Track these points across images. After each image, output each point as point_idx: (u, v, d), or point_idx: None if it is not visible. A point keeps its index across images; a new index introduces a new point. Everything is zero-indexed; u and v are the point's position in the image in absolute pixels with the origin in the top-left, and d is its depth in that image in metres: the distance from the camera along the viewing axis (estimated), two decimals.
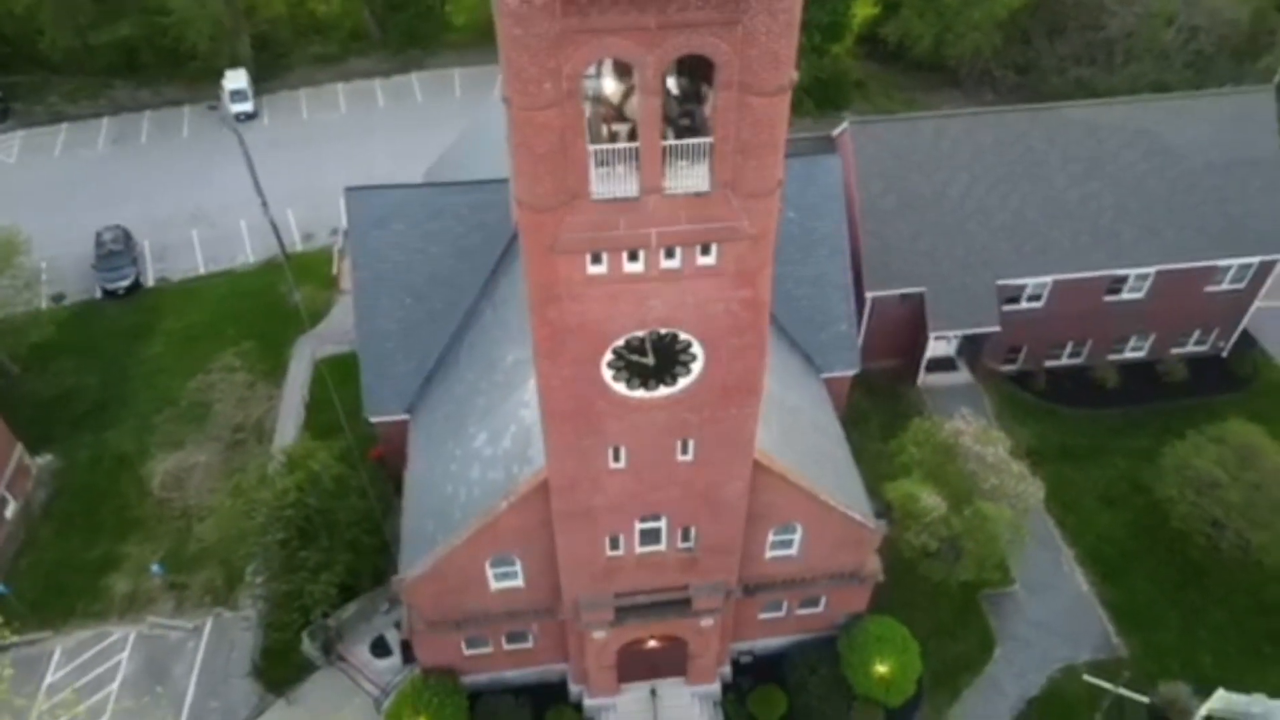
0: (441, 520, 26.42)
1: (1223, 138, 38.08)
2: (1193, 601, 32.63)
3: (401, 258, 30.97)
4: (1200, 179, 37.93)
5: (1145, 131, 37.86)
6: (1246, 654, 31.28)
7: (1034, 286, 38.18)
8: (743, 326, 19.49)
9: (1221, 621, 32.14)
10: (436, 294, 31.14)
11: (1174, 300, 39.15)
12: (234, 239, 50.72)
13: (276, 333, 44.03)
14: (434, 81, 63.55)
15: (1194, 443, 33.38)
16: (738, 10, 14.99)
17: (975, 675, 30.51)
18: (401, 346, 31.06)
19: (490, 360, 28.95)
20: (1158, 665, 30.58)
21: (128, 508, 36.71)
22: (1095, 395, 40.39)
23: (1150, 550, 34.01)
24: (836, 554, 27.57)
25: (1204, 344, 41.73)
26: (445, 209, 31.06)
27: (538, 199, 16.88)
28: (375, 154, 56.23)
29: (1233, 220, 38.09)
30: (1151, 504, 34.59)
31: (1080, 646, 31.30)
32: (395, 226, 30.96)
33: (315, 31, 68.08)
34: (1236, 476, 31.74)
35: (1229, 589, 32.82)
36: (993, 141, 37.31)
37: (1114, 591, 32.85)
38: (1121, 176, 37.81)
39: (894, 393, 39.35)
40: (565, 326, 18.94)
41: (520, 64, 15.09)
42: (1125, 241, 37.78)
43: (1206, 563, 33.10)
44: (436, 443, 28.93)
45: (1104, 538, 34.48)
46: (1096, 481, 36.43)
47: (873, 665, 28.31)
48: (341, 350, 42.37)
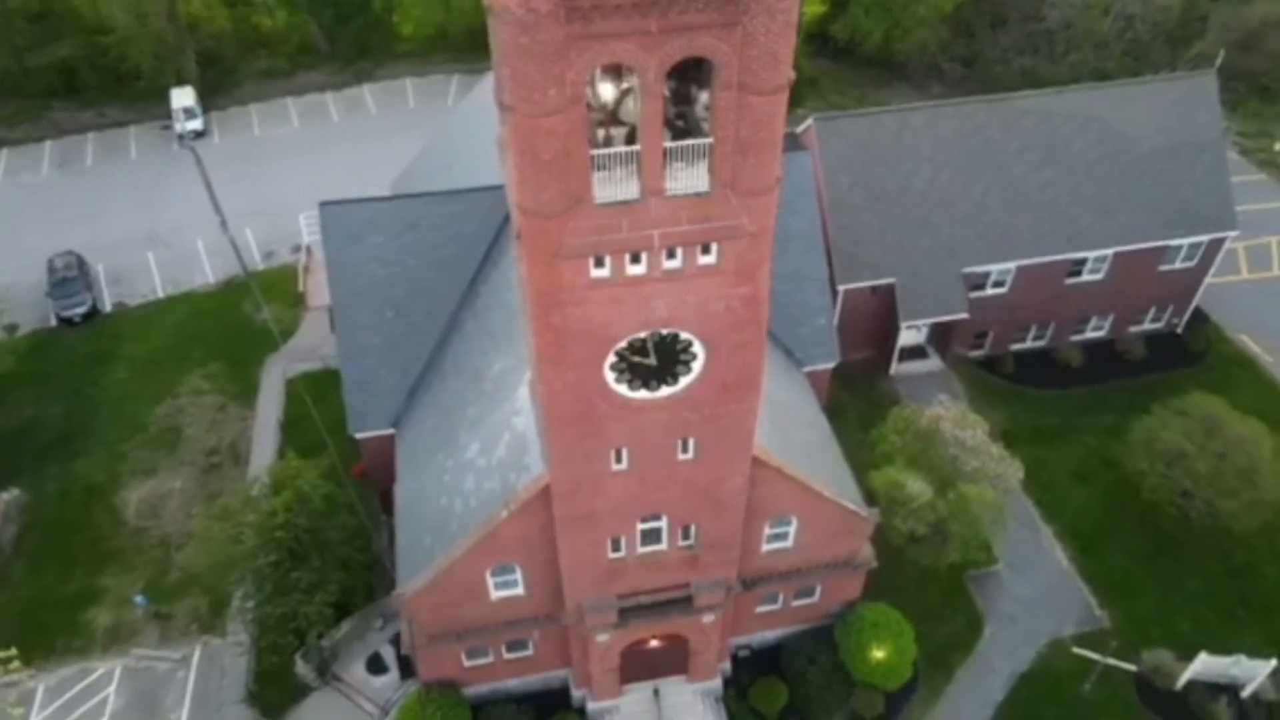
0: (439, 533, 26.29)
1: (1169, 122, 39.44)
2: (1168, 570, 33.72)
3: (380, 271, 30.74)
4: (1150, 162, 39.24)
5: (1096, 118, 39.04)
6: (1222, 618, 32.42)
7: (998, 273, 39.16)
8: (743, 323, 19.76)
9: (1196, 588, 33.28)
10: (417, 306, 30.95)
11: (1131, 281, 40.45)
12: (192, 260, 49.77)
13: (244, 353, 43.32)
14: (386, 93, 63.05)
15: (1160, 417, 34.51)
16: (737, 12, 15.25)
17: (967, 655, 31.19)
18: (384, 360, 30.81)
19: (476, 370, 28.86)
20: (1139, 634, 31.55)
21: (102, 539, 35.83)
22: (1061, 376, 41.52)
23: (1124, 523, 35.07)
24: (831, 544, 28.00)
25: (1160, 322, 43.14)
26: (421, 220, 30.89)
27: (542, 205, 16.96)
28: (332, 168, 55.60)
29: (1182, 201, 39.47)
30: (1122, 478, 35.66)
31: (1065, 620, 32.18)
32: (371, 240, 30.72)
33: (261, 46, 67.16)
34: (1202, 447, 32.88)
35: (1201, 556, 33.99)
36: (952, 133, 38.18)
37: (1093, 565, 33.82)
38: (1075, 163, 38.96)
39: (869, 383, 40.04)
40: (569, 331, 19.03)
41: (525, 72, 15.17)
42: (1083, 226, 38.93)
43: (1178, 532, 34.22)
44: (426, 455, 28.76)
45: (1080, 513, 35.47)
46: (1068, 459, 37.44)
47: (870, 651, 28.80)
48: (313, 368, 41.93)
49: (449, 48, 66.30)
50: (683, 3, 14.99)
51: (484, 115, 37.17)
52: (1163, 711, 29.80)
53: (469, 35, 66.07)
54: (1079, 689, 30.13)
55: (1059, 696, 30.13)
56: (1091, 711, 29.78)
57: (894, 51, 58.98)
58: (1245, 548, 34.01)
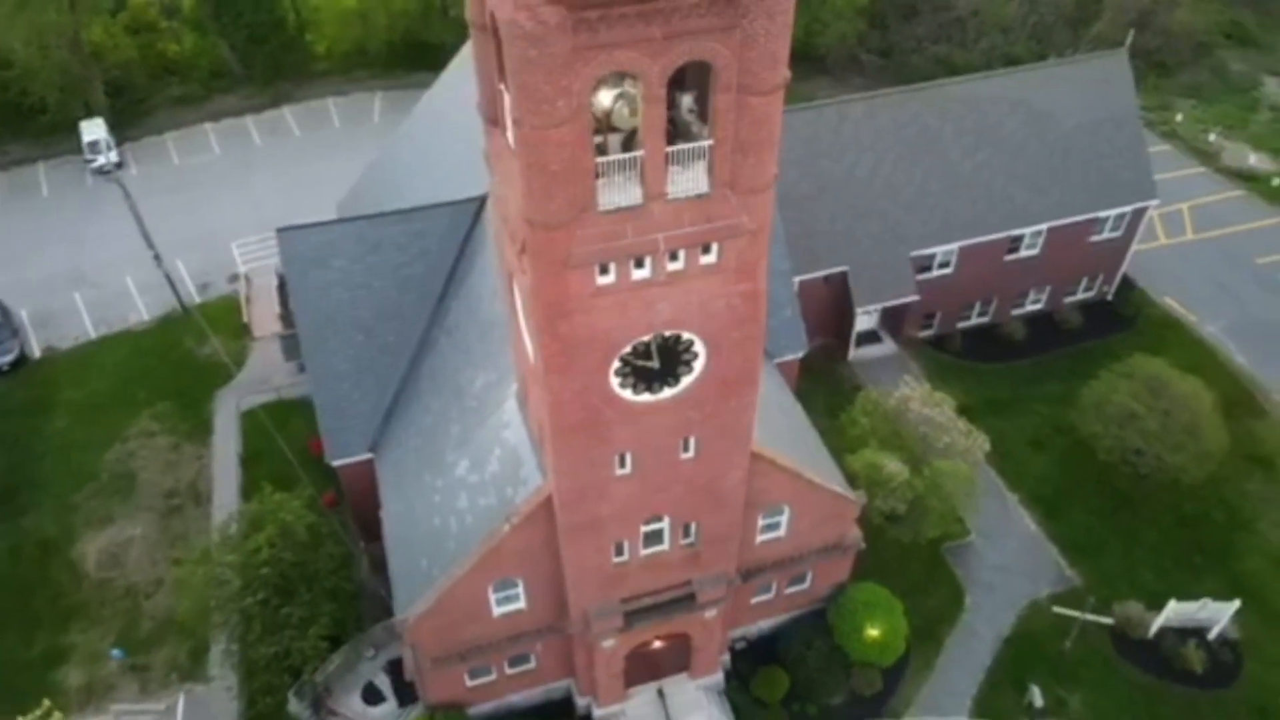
0: (435, 554, 25.99)
1: (1089, 100, 41.38)
2: (1127, 526, 35.40)
3: (345, 294, 30.18)
4: (1074, 139, 41.12)
5: (1022, 100, 40.74)
6: (1181, 566, 34.19)
7: (943, 254, 40.53)
8: (744, 319, 20.13)
9: (1155, 540, 35.03)
10: (386, 327, 30.51)
11: (1064, 253, 42.31)
12: (122, 298, 47.91)
13: (192, 389, 41.93)
14: (309, 114, 61.71)
15: (1107, 381, 36.20)
16: (737, 15, 15.58)
17: (952, 625, 32.21)
18: (357, 385, 30.28)
19: (457, 387, 28.60)
20: (1108, 588, 33.03)
21: (63, 595, 34.26)
22: (1006, 349, 43.17)
23: (1082, 485, 36.66)
24: (821, 529, 28.62)
25: (1092, 291, 45.20)
26: (384, 241, 30.43)
27: (550, 216, 17.02)
28: (260, 193, 54.33)
29: (1106, 174, 41.47)
30: (1076, 442, 37.27)
31: (1039, 582, 33.51)
32: (334, 263, 30.12)
33: (171, 72, 64.94)
34: (1150, 406, 34.63)
35: (1155, 510, 35.77)
36: (890, 122, 39.37)
37: (1058, 527, 35.28)
38: (1006, 144, 40.58)
39: (829, 370, 40.95)
40: (576, 340, 19.10)
41: (534, 84, 15.22)
42: (1018, 204, 40.58)
43: (1132, 489, 35.93)
44: (412, 477, 28.38)
45: (1040, 479, 36.96)
46: (1023, 429, 38.94)
47: (865, 630, 29.52)
48: (268, 399, 40.85)
49: (369, 64, 65.23)
50: (685, 9, 15.25)
51: (430, 132, 37.03)
52: (1138, 660, 31.29)
53: (389, 51, 65.22)
54: (1060, 647, 31.42)
55: (1042, 655, 31.38)
56: (1074, 667, 31.08)
57: (814, 45, 60.30)
58: (1194, 498, 35.91)
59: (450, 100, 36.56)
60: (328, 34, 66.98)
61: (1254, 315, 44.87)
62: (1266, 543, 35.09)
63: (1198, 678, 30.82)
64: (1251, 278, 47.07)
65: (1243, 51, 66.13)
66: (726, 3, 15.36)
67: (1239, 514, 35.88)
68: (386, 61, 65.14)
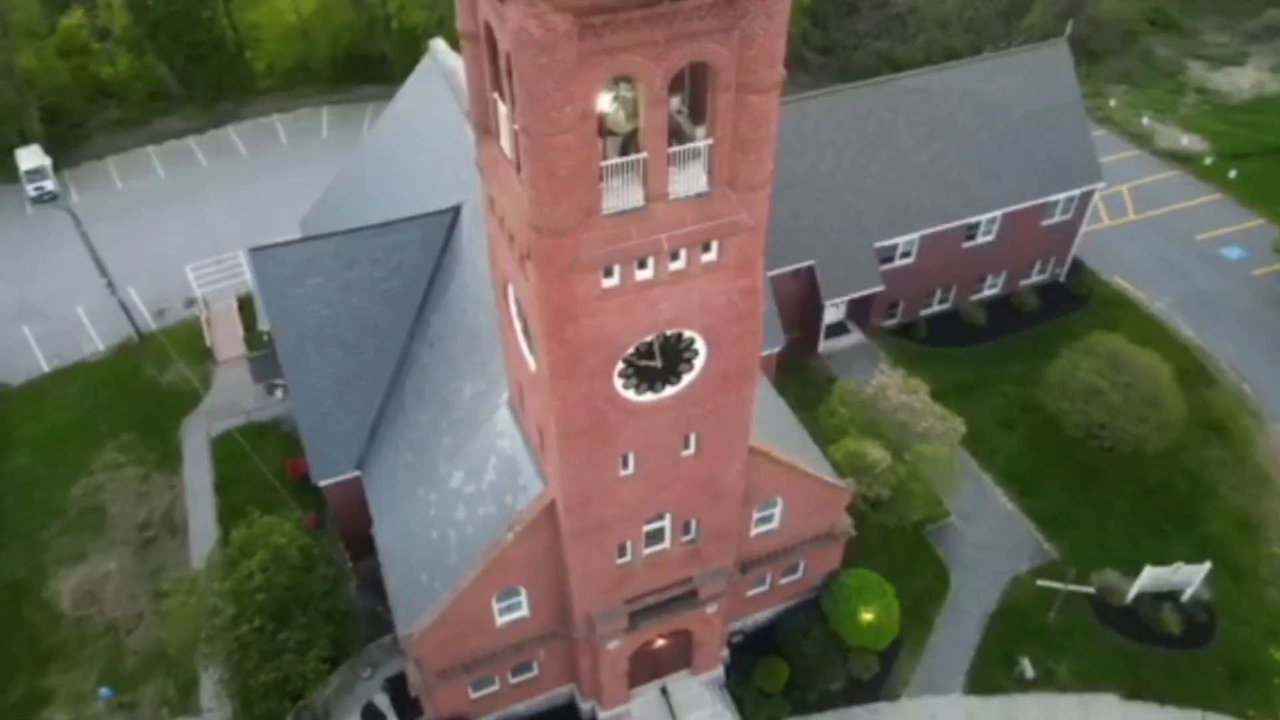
0: (436, 568, 25.84)
1: (1034, 89, 42.72)
2: (1098, 498, 36.58)
3: (324, 311, 29.87)
4: (1023, 127, 42.41)
5: (971, 91, 41.90)
6: (1151, 533, 35.45)
7: (904, 244, 41.47)
8: (743, 314, 20.47)
9: (1124, 510, 36.25)
10: (367, 343, 30.28)
11: (1018, 238, 43.58)
12: (74, 329, 46.67)
13: (157, 418, 40.98)
14: (255, 132, 60.79)
15: (1070, 359, 37.41)
16: (736, 16, 15.91)
17: (940, 604, 32.96)
18: (340, 402, 29.97)
19: (444, 399, 28.48)
20: (1085, 559, 34.07)
21: (40, 637, 33.24)
22: (969, 334, 44.28)
23: (1052, 461, 37.79)
24: (813, 518, 29.11)
25: (1045, 273, 46.60)
26: (360, 256, 30.19)
27: (558, 221, 17.14)
28: (210, 215, 53.45)
29: (1054, 160, 42.85)
30: (1043, 420, 38.43)
31: (1019, 558, 34.45)
32: (310, 281, 29.80)
33: (107, 95, 63.43)
34: (1112, 381, 35.85)
35: (1123, 480, 37.03)
36: (848, 117, 40.17)
37: (1033, 503, 36.31)
38: (958, 134, 41.68)
39: (800, 363, 41.58)
40: (582, 344, 19.24)
41: (544, 91, 15.35)
42: (973, 192, 41.71)
43: (1100, 462, 37.17)
44: (404, 492, 28.17)
45: (1012, 458, 38.00)
46: (992, 410, 39.96)
47: (859, 615, 30.06)
48: (238, 423, 40.10)
49: (313, 80, 64.50)
50: (687, 12, 15.53)
51: (394, 145, 36.77)
52: (1119, 626, 32.36)
53: (333, 66, 64.56)
54: (1045, 619, 32.37)
55: (1029, 628, 32.28)
56: (1059, 637, 32.03)
57: None
58: (1158, 467, 37.26)
59: (412, 113, 36.43)
60: (268, 51, 66.05)
61: (1198, 289, 46.70)
62: (1228, 506, 36.57)
63: (1175, 639, 31.99)
64: (1192, 253, 48.99)
65: (1167, 37, 68.75)
66: (727, 4, 15.69)
67: (1200, 480, 37.33)
68: (331, 76, 64.49)
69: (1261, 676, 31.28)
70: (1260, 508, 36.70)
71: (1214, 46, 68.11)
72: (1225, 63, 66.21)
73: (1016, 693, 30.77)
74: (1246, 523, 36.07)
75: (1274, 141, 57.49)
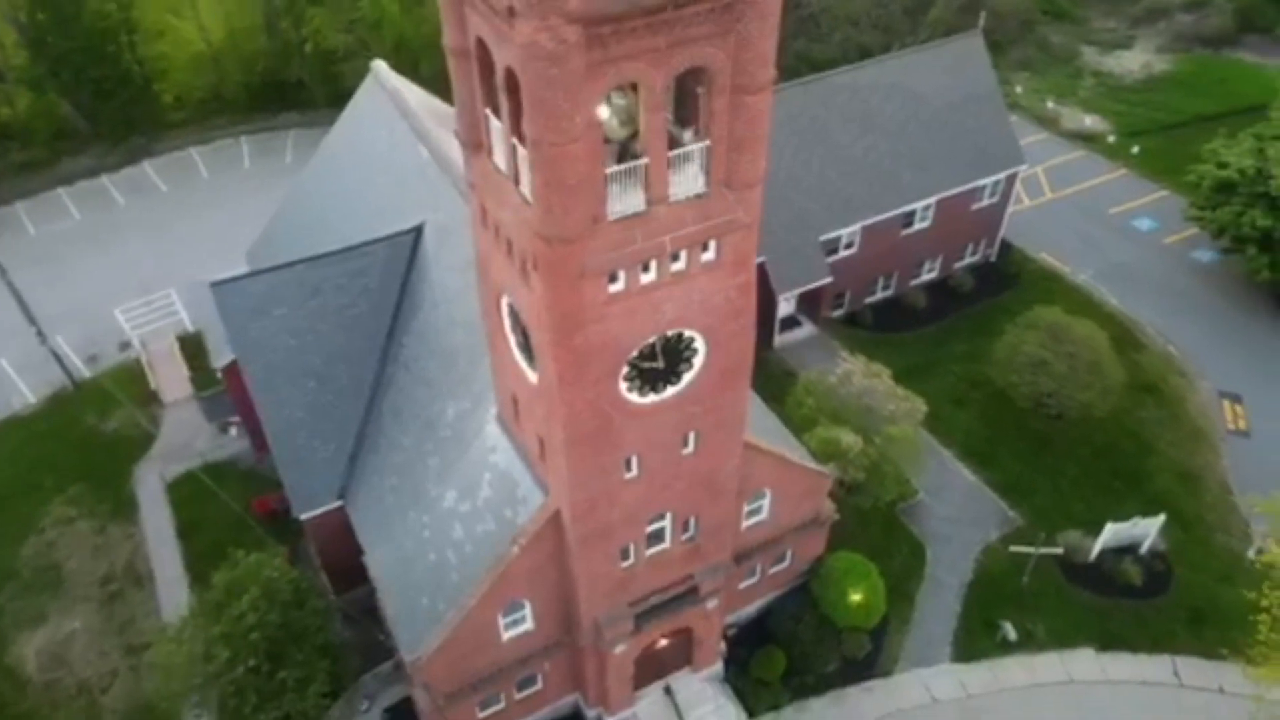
0: (437, 589, 25.62)
1: (954, 80, 44.60)
2: (1051, 464, 38.32)
3: (291, 342, 29.33)
4: (948, 117, 44.22)
5: (897, 85, 43.52)
6: (1104, 493, 37.29)
7: (847, 236, 42.76)
8: (739, 311, 21.04)
9: (1076, 473, 38.07)
10: (338, 371, 29.83)
11: (951, 222, 45.37)
12: (1, 383, 44.47)
13: (105, 467, 39.40)
14: (173, 166, 58.93)
15: (1014, 333, 39.14)
16: (732, 20, 16.45)
17: (919, 579, 34.06)
18: (317, 433, 29.44)
19: (427, 420, 28.26)
20: (1047, 523, 35.60)
21: (7, 705, 31.58)
22: (912, 318, 45.85)
23: (1005, 432, 39.43)
24: (799, 506, 29.82)
25: (977, 255, 48.58)
26: (324, 284, 29.75)
27: (567, 230, 17.39)
28: (134, 254, 51.67)
29: (979, 146, 44.79)
30: (992, 394, 40.10)
31: (987, 527, 35.85)
32: (275, 312, 29.23)
33: (8, 137, 60.55)
34: (1056, 351, 37.67)
35: (1073, 445, 38.88)
36: (784, 115, 41.10)
37: (993, 474, 37.81)
38: (889, 127, 43.24)
39: (758, 359, 41.72)
40: (589, 350, 19.49)
41: (555, 103, 15.61)
42: (907, 181, 43.29)
43: (1049, 429, 38.96)
44: (395, 517, 27.83)
45: (968, 433, 39.49)
46: (943, 389, 41.39)
47: (848, 596, 30.89)
48: (194, 465, 38.88)
49: (229, 109, 62.85)
50: (687, 19, 15.99)
51: (341, 170, 36.27)
52: (1086, 583, 33.98)
53: (248, 94, 63.07)
54: (1018, 583, 33.77)
55: (1004, 594, 33.62)
56: (1033, 598, 33.47)
57: None
58: (1104, 430, 39.24)
59: (358, 136, 36.03)
60: (178, 82, 64.06)
61: (1116, 260, 49.32)
62: (1169, 461, 38.75)
63: (1138, 590, 33.76)
64: (1107, 227, 51.72)
65: (1060, 25, 72.34)
66: (724, 10, 16.21)
67: (1142, 439, 39.48)
68: (247, 104, 62.95)
69: (1219, 618, 33.23)
70: (1198, 460, 39.01)
71: (1103, 32, 71.97)
72: (1115, 46, 70.04)
73: (1000, 656, 32.04)
74: (1187, 475, 38.29)
75: (1167, 118, 61.12)
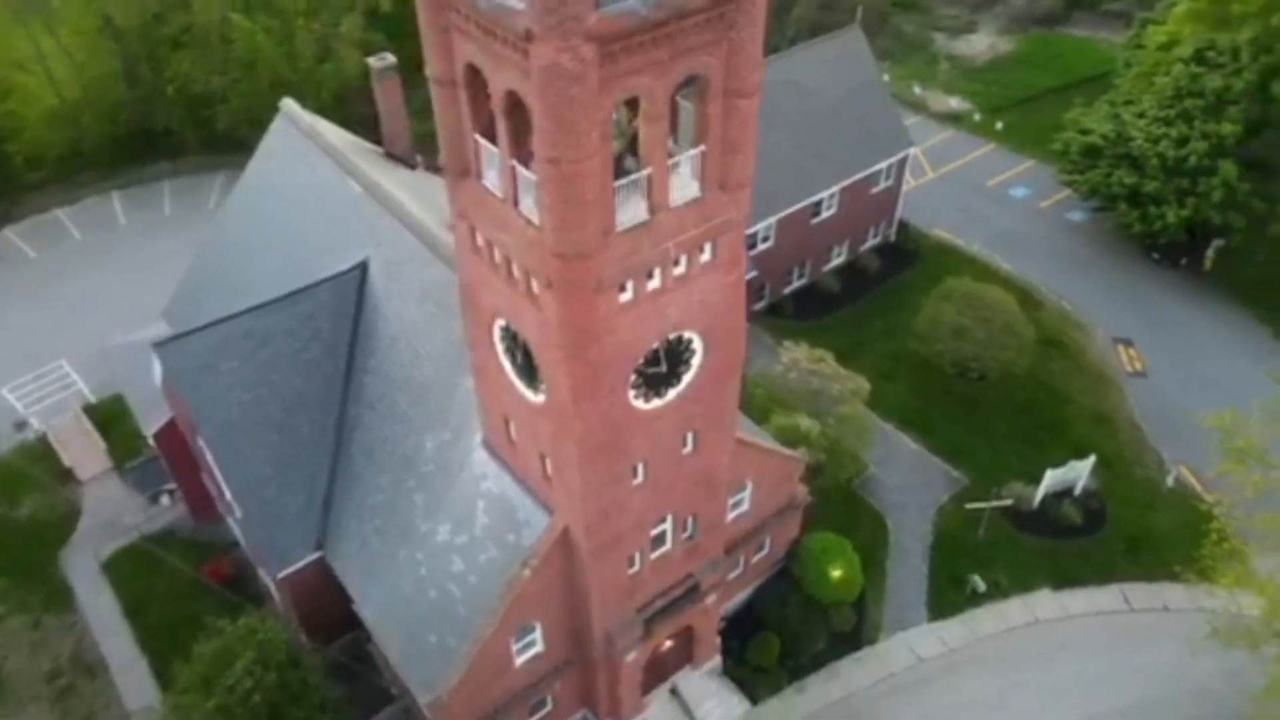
0: (445, 625, 25.18)
1: (841, 73, 46.78)
2: (982, 423, 40.71)
3: (246, 395, 28.19)
4: (840, 108, 46.33)
5: (791, 82, 45.27)
6: (1032, 445, 39.85)
7: (764, 230, 44.18)
8: (733, 307, 21.67)
9: (1006, 429, 40.57)
10: (299, 419, 28.85)
11: (855, 208, 47.55)
12: None
13: (27, 557, 36.60)
14: (39, 230, 55.15)
15: (932, 305, 41.46)
16: (725, 27, 17.10)
17: (886, 548, 35.59)
18: (285, 486, 28.37)
19: (404, 458, 27.69)
20: (989, 478, 37.84)
21: None
22: (829, 303, 47.75)
23: (936, 400, 41.59)
24: (775, 493, 30.74)
25: (879, 237, 51.02)
26: (272, 332, 28.72)
27: (584, 245, 17.60)
28: (13, 327, 48.28)
29: (870, 134, 47.12)
30: (918, 365, 42.24)
31: (937, 490, 37.78)
32: (226, 366, 28.04)
33: None
34: (973, 318, 40.14)
35: (998, 403, 41.40)
36: None
37: (933, 440, 39.84)
38: (789, 121, 44.86)
39: None
40: (604, 361, 19.73)
41: (574, 121, 15.86)
42: (811, 172, 45.12)
43: (975, 392, 41.38)
44: (384, 560, 27.13)
45: (903, 405, 41.43)
46: (871, 366, 42.93)
47: (829, 574, 31.99)
48: (129, 541, 36.62)
49: (94, 164, 59.26)
50: (686, 30, 16.53)
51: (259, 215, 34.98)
52: (1033, 528, 36.27)
53: (112, 146, 59.74)
54: (975, 538, 35.78)
55: (964, 550, 35.53)
56: (990, 550, 35.52)
57: None
58: (1022, 386, 41.95)
59: (275, 179, 34.84)
60: (31, 140, 59.96)
61: (1000, 228, 52.70)
62: (1083, 407, 41.80)
63: (1080, 528, 36.33)
64: (988, 198, 55.26)
65: (909, 15, 76.59)
66: (719, 18, 16.84)
67: (1057, 390, 42.42)
68: (112, 157, 59.58)
69: (1152, 543, 36.15)
70: (1107, 403, 42.24)
71: (948, 19, 76.57)
72: (961, 31, 74.70)
73: (971, 608, 33.88)
74: (1101, 417, 41.41)
75: (1020, 94, 65.72)
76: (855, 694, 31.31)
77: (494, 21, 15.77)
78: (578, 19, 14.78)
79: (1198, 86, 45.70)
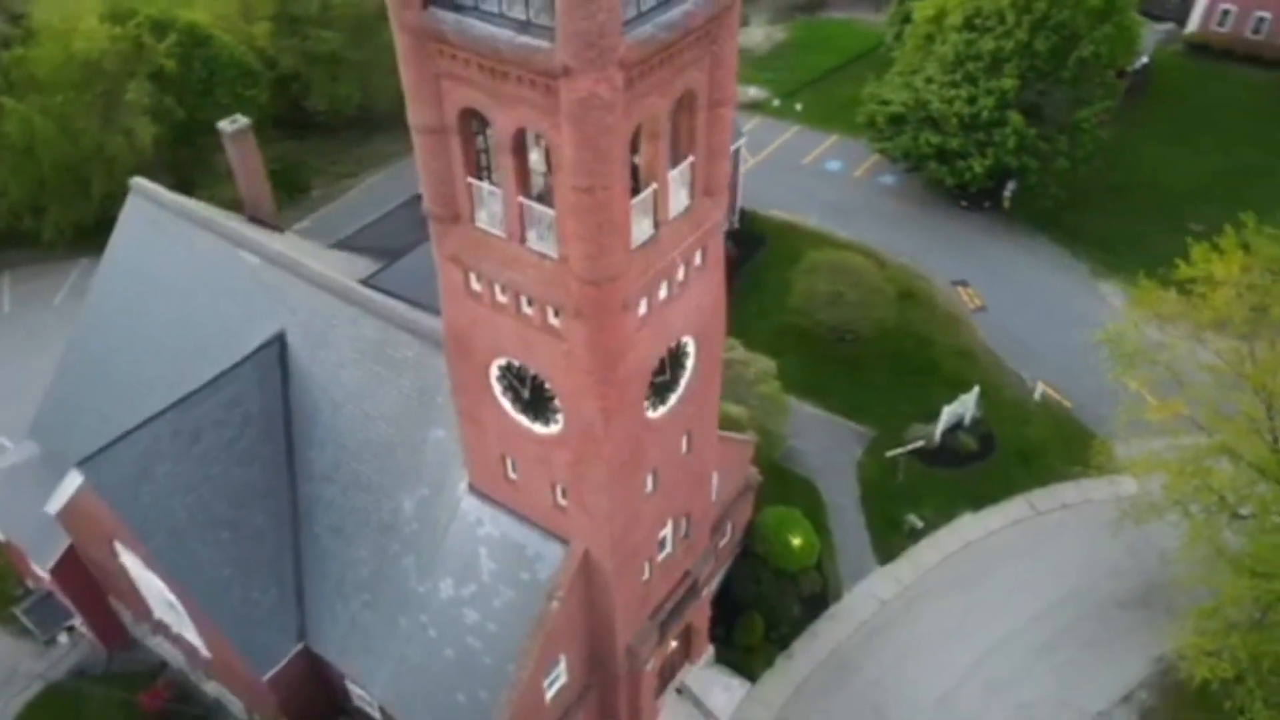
0: (471, 680, 24.53)
1: None
2: (870, 380, 43.90)
3: (190, 498, 26.06)
4: None
5: None
6: (914, 387, 43.44)
7: None
8: (718, 305, 22.68)
9: (890, 381, 43.98)
10: (250, 510, 27.01)
11: None
12: None
13: None
14: None
15: (803, 279, 44.24)
16: (709, 42, 18.03)
17: (824, 510, 37.71)
18: (251, 584, 26.48)
19: (381, 524, 26.59)
20: (892, 427, 41.09)
21: None
22: None
23: (824, 365, 44.38)
24: (733, 477, 31.97)
25: (726, 224, 53.36)
26: (201, 424, 26.69)
27: (614, 268, 17.96)
28: None
29: None
30: (799, 337, 44.86)
31: (851, 448, 40.49)
32: (162, 471, 25.78)
33: None
34: (844, 284, 43.29)
35: (876, 359, 44.77)
36: None
37: (830, 401, 42.55)
38: None
39: None
40: (629, 379, 20.15)
41: (608, 149, 16.27)
42: None
43: (854, 352, 44.56)
44: (382, 633, 25.94)
45: (795, 376, 43.56)
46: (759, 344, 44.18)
47: (791, 543, 33.67)
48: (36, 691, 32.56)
49: None
50: (684, 49, 17.33)
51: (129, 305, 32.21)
52: (940, 463, 39.55)
53: None
54: (895, 482, 38.72)
55: (890, 495, 38.36)
56: (911, 490, 38.57)
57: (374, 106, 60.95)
58: (892, 339, 45.52)
59: (141, 263, 32.13)
60: None
61: (828, 200, 56.80)
62: (945, 347, 46.02)
63: (977, 454, 40.10)
64: (808, 175, 59.34)
65: None
66: (706, 34, 17.73)
67: (921, 336, 46.43)
68: None
69: (1036, 452, 40.58)
70: (963, 340, 46.74)
71: None
72: None
73: (911, 546, 36.72)
74: (963, 352, 45.78)
75: (807, 76, 70.82)
76: (838, 648, 33.20)
77: (518, 62, 15.84)
78: (615, 50, 15.22)
79: (974, 50, 51.34)
